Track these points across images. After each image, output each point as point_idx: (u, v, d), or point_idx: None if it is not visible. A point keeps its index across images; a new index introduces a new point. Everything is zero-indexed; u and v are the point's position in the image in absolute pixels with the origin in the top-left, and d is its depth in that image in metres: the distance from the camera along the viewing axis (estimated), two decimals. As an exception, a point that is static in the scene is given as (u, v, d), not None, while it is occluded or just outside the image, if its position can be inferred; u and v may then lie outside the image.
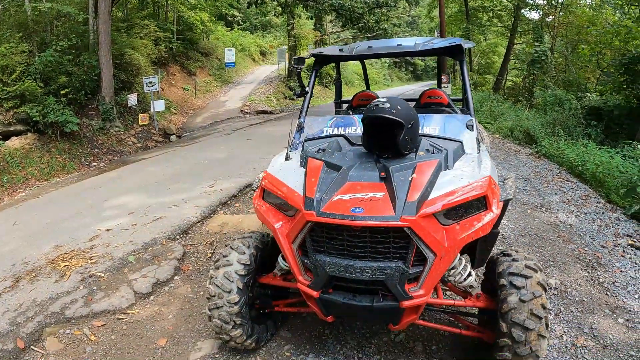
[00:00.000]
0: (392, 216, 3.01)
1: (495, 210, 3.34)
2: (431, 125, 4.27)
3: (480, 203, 3.30)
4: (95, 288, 5.35)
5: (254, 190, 4.23)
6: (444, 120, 4.33)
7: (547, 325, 3.17)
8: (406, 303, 3.12)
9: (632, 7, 21.15)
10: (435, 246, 3.06)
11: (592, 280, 5.30)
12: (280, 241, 3.47)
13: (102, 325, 4.70)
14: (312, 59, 5.22)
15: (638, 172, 7.46)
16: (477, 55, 39.57)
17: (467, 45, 4.81)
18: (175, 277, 5.65)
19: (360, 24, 24.05)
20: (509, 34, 32.19)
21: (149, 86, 17.27)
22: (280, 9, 24.82)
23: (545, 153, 12.08)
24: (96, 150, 14.71)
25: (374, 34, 25.22)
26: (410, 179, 3.26)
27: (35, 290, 5.37)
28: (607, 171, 9.10)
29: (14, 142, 12.43)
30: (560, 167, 10.77)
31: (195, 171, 10.79)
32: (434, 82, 47.61)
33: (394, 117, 3.45)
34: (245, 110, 23.95)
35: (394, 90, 44.53)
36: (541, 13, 30.68)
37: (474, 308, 3.78)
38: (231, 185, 9.12)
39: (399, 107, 3.53)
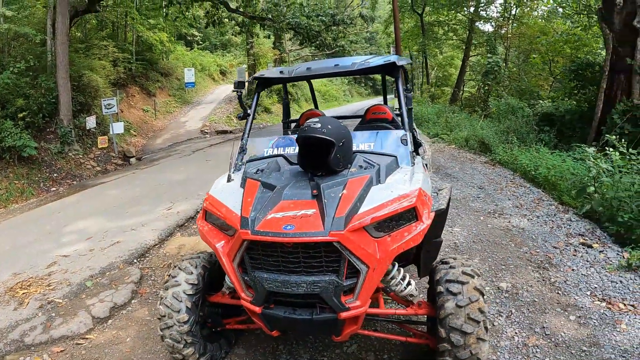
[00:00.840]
0: (321, 232, 3.13)
1: (426, 220, 3.45)
2: (367, 141, 4.44)
3: (410, 214, 3.41)
4: (53, 314, 5.47)
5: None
6: (379, 136, 4.49)
7: (486, 328, 3.29)
8: (344, 314, 3.23)
9: (581, 16, 22.03)
10: (366, 258, 3.17)
11: (543, 280, 5.50)
12: (222, 260, 3.58)
13: (61, 351, 4.82)
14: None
15: (588, 173, 7.79)
16: (435, 68, 40.47)
17: (401, 62, 4.88)
18: (133, 301, 5.79)
19: (317, 42, 24.40)
20: (464, 47, 33.04)
21: (107, 108, 17.30)
22: (238, 28, 25.01)
23: (499, 160, 12.37)
24: (55, 174, 14.68)
25: (332, 50, 25.65)
26: (340, 195, 3.38)
27: None
28: (559, 174, 9.40)
29: (-31, 168, 12.28)
30: (514, 173, 11.04)
31: (153, 194, 10.94)
32: (392, 96, 48.17)
33: (324, 137, 3.58)
34: (206, 131, 24.09)
35: (354, 105, 44.87)
36: (494, 25, 31.69)
37: (423, 316, 3.87)
38: (189, 207, 9.31)
39: (329, 126, 3.67)
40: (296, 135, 4.26)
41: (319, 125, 3.65)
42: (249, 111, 5.03)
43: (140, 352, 4.70)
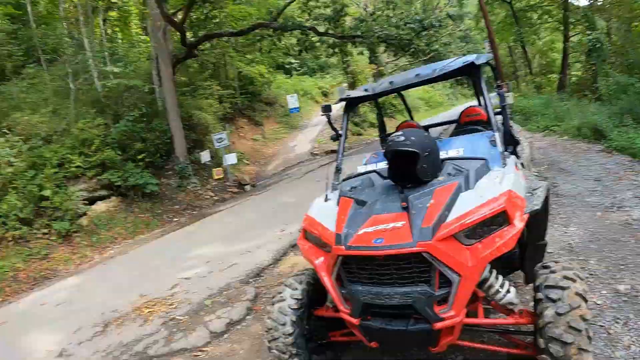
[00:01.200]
0: (409, 243, 3.19)
1: (518, 223, 3.33)
2: (454, 147, 4.40)
3: (501, 219, 3.31)
4: (174, 329, 5.88)
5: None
6: (467, 140, 4.47)
7: (589, 337, 3.02)
8: (438, 325, 3.20)
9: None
10: (457, 267, 3.16)
11: None
12: (321, 275, 3.76)
13: None
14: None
15: None
16: (535, 56, 38.58)
17: (480, 60, 4.60)
18: (248, 317, 6.05)
19: (411, 50, 24.07)
20: (562, 28, 30.01)
21: (219, 142, 18.11)
22: (330, 50, 25.30)
23: (615, 147, 11.13)
24: (176, 206, 15.56)
25: (428, 56, 25.26)
26: (427, 205, 3.42)
27: (122, 333, 6.05)
28: None
29: (100, 206, 13.41)
30: (633, 159, 9.90)
31: (267, 218, 11.31)
32: (494, 95, 46.29)
33: (408, 148, 3.66)
34: (315, 152, 24.38)
35: (459, 108, 43.79)
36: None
37: (527, 325, 3.59)
38: (301, 228, 9.35)
39: (412, 138, 3.74)
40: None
41: (402, 138, 3.75)
42: (340, 132, 5.16)
43: None
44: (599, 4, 26.86)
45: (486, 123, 5.30)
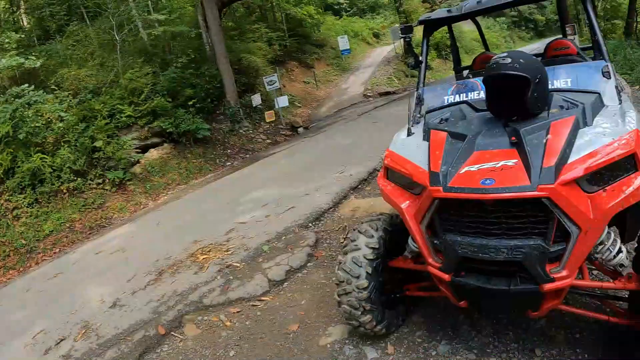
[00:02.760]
0: (527, 186, 2.67)
1: None
2: (561, 77, 3.74)
3: (629, 163, 2.80)
4: (231, 277, 5.55)
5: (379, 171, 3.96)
6: (575, 70, 3.79)
7: None
8: (547, 286, 2.76)
9: None
10: (579, 218, 2.65)
11: None
12: (408, 222, 3.23)
13: (237, 311, 4.84)
14: (422, 26, 4.80)
15: None
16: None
17: None
18: (308, 264, 5.63)
19: (470, -15, 22.90)
20: None
21: (270, 85, 17.64)
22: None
23: None
24: (229, 150, 15.33)
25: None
26: (544, 141, 2.87)
27: (176, 282, 5.77)
28: None
29: (152, 154, 13.30)
30: None
31: (324, 159, 10.85)
32: (557, 37, 44.42)
33: (518, 73, 3.05)
34: (368, 94, 23.68)
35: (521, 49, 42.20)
36: None
37: (624, 291, 3.24)
38: (361, 170, 8.96)
39: (521, 60, 3.12)
40: (479, 78, 3.88)
41: (509, 60, 3.11)
42: (420, 58, 4.59)
43: (314, 315, 4.53)
44: None
45: (576, 57, 4.75)
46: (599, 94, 3.42)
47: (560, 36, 6.74)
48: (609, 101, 3.39)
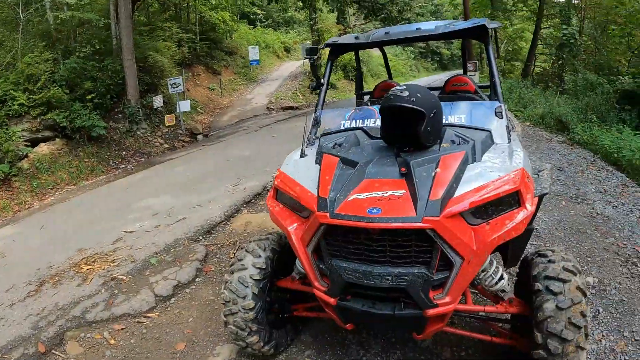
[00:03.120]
0: (413, 217, 2.75)
1: (530, 207, 3.01)
2: (456, 113, 3.90)
3: (512, 199, 2.99)
4: (116, 291, 5.35)
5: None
6: (470, 107, 3.97)
7: (586, 335, 2.85)
8: (431, 312, 2.86)
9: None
10: (462, 249, 2.79)
11: (632, 277, 4.88)
12: (295, 245, 3.23)
13: (122, 328, 4.68)
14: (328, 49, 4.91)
15: None
16: (504, 41, 38.74)
17: (492, 25, 4.40)
18: (197, 279, 5.58)
19: (382, 15, 23.70)
20: (535, 19, 31.14)
21: (173, 87, 17.33)
22: (300, 3, 24.65)
23: (578, 140, 11.54)
24: (124, 152, 14.87)
25: (398, 24, 24.91)
26: (433, 174, 2.98)
27: (58, 294, 5.45)
28: None
29: (43, 148, 12.62)
30: (595, 155, 10.22)
31: (220, 170, 10.79)
32: (460, 72, 46.39)
33: (413, 106, 3.13)
34: (272, 107, 23.92)
35: (420, 80, 43.79)
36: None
37: (507, 313, 3.39)
38: (255, 183, 9.03)
39: (418, 94, 3.20)
40: (377, 106, 3.96)
41: (406, 93, 3.20)
42: (322, 80, 4.66)
43: (202, 333, 4.50)
44: (575, 2, 27.47)
45: (473, 95, 5.03)
46: (490, 131, 3.61)
47: (461, 72, 7.25)
48: (499, 139, 3.60)
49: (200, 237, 6.74)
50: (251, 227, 6.95)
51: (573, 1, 27.95)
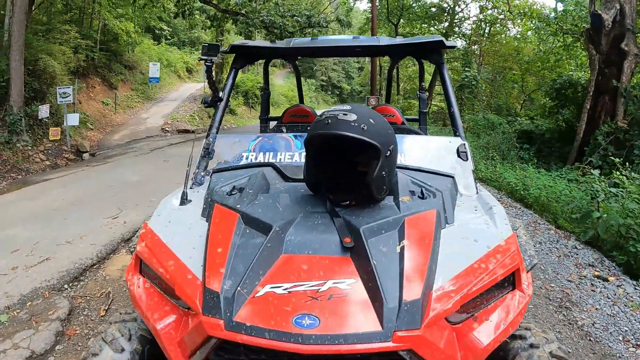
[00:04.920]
0: (377, 333, 1.74)
1: (527, 289, 2.22)
2: (408, 151, 3.05)
3: (507, 281, 2.18)
4: None
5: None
6: (425, 144, 3.22)
7: None
8: None
9: (559, 36, 21.73)
10: None
11: (570, 324, 4.72)
12: (168, 352, 2.07)
13: None
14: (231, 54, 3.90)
15: (592, 196, 7.30)
16: (404, 80, 40.04)
17: (450, 43, 3.59)
18: (57, 347, 4.37)
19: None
20: None
21: (62, 97, 16.04)
22: (209, 22, 24.00)
23: (481, 177, 11.90)
24: (-1, 167, 13.26)
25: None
26: (399, 249, 2.03)
27: None
28: (552, 195, 8.93)
29: None
30: (500, 192, 10.53)
31: (100, 196, 9.73)
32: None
33: (366, 138, 2.16)
34: (167, 129, 23.02)
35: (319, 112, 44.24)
36: (468, 42, 31.70)
37: None
38: (138, 217, 8.02)
39: (371, 120, 2.22)
40: (294, 135, 3.25)
41: (353, 116, 2.19)
42: (220, 93, 3.50)
43: None
44: (474, 48, 29.37)
45: (400, 128, 4.30)
46: (453, 178, 2.88)
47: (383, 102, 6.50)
48: (465, 189, 2.91)
49: (66, 286, 5.65)
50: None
51: (473, 47, 29.88)
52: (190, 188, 3.04)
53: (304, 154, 2.94)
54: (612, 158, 8.35)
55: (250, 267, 1.99)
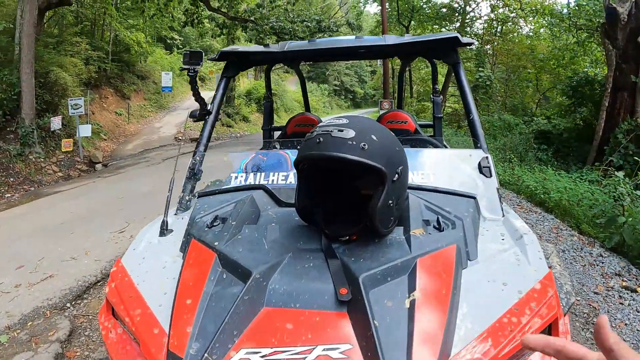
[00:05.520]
0: None
1: (566, 338, 1.78)
2: (419, 167, 2.61)
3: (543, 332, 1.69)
4: None
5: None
6: (440, 158, 2.79)
7: None
8: None
9: (574, 31, 21.32)
10: None
11: None
12: None
13: None
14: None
15: (617, 199, 6.91)
16: (416, 83, 39.74)
17: (465, 40, 2.98)
18: (56, 370, 4.15)
19: (305, 48, 23.56)
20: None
21: (74, 108, 15.96)
22: (218, 30, 23.96)
23: (500, 181, 11.47)
24: (12, 179, 13.22)
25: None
26: (407, 304, 1.61)
27: None
28: (573, 198, 8.56)
29: None
30: (519, 195, 10.16)
31: (109, 209, 9.58)
32: (374, 109, 47.03)
33: (366, 161, 1.74)
34: (180, 138, 22.89)
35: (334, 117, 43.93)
36: (481, 42, 31.22)
37: None
38: None
39: (374, 137, 1.79)
40: (292, 151, 2.84)
41: (351, 133, 1.77)
42: (209, 106, 3.18)
43: None
44: (487, 47, 28.91)
45: (414, 136, 3.88)
46: (475, 199, 2.40)
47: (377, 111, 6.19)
48: (489, 212, 2.42)
49: (69, 304, 5.46)
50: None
51: (486, 47, 29.44)
52: (175, 214, 2.76)
53: (289, 172, 2.74)
54: (635, 158, 7.99)
55: (223, 326, 1.58)
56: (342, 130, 1.78)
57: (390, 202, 1.83)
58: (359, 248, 1.90)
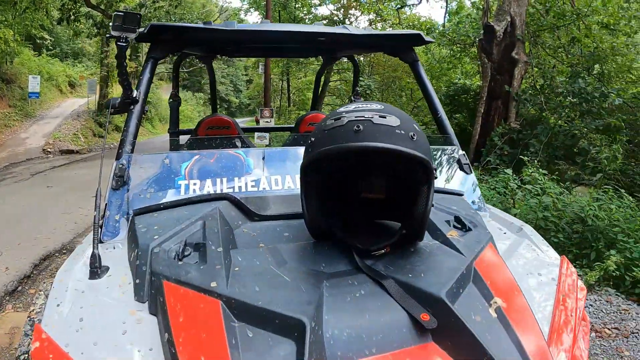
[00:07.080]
0: None
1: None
2: None
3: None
4: None
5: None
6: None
7: None
8: None
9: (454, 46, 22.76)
10: None
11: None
12: None
13: None
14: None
15: (500, 196, 7.49)
16: (293, 92, 40.36)
17: (429, 39, 2.88)
18: None
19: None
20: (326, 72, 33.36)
21: None
22: (95, 29, 22.78)
23: None
24: None
25: (191, 68, 24.55)
26: (493, 313, 1.39)
27: None
28: None
29: None
30: None
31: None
32: (250, 119, 46.92)
33: (420, 154, 1.46)
34: (49, 150, 21.18)
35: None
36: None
37: None
38: (22, 261, 6.39)
39: (416, 127, 1.55)
40: (249, 149, 2.43)
41: (395, 120, 1.49)
42: (135, 93, 2.38)
43: None
44: (361, 58, 30.16)
45: None
46: (462, 196, 2.37)
47: (254, 121, 6.06)
48: (475, 208, 2.34)
49: None
50: (20, 337, 3.75)
51: (360, 57, 30.78)
52: (102, 242, 1.95)
53: (260, 177, 2.24)
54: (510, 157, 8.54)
55: None
56: (384, 117, 1.47)
57: (430, 200, 1.56)
58: (402, 261, 1.58)
